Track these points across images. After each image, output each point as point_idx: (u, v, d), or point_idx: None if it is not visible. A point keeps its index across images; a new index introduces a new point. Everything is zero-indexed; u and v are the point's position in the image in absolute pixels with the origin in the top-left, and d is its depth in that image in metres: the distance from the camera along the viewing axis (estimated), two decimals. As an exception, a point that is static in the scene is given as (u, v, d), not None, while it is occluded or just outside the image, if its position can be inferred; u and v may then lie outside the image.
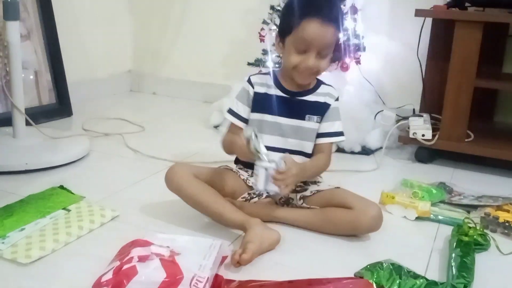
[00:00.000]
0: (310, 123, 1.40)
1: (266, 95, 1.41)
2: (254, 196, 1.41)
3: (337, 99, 1.43)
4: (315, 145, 1.42)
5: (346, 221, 1.30)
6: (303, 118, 1.40)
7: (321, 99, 1.41)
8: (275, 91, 1.40)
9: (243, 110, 1.42)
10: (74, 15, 2.59)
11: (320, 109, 1.41)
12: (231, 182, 1.39)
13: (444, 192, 1.62)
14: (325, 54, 1.32)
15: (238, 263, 1.15)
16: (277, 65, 2.10)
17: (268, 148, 1.35)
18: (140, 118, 2.43)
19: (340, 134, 1.43)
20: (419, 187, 1.61)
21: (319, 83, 1.43)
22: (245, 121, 1.42)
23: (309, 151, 1.41)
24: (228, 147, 1.40)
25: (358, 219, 1.29)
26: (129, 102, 2.89)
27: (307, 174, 1.38)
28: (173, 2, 2.88)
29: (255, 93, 1.41)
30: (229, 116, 1.43)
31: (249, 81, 1.43)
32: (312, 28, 1.28)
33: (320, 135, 1.42)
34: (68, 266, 1.15)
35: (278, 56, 2.08)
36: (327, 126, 1.41)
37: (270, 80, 1.42)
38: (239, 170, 1.44)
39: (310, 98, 1.40)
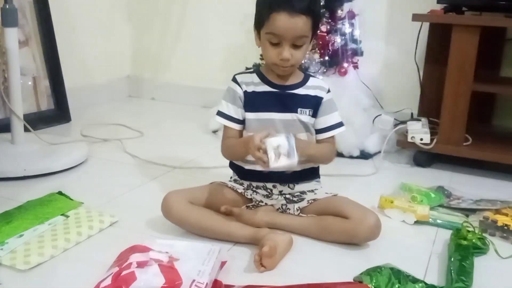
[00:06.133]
0: (303, 116, 1.36)
1: (255, 94, 1.37)
2: (252, 209, 1.40)
3: (328, 91, 1.39)
4: (317, 141, 1.39)
5: (343, 231, 1.29)
6: (295, 112, 1.36)
7: (311, 92, 1.38)
8: (263, 88, 1.37)
9: (234, 110, 1.37)
10: (72, 21, 2.59)
11: (312, 103, 1.37)
12: (228, 199, 1.38)
13: (443, 196, 1.62)
14: (300, 45, 1.29)
15: (262, 266, 1.16)
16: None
17: None
18: (138, 123, 2.43)
19: (340, 124, 1.39)
20: (418, 191, 1.61)
21: (307, 76, 1.40)
22: (238, 121, 1.38)
23: None
24: (233, 153, 1.39)
25: (355, 229, 1.28)
26: (128, 108, 2.89)
27: (311, 152, 1.33)
28: (171, 7, 2.89)
29: (245, 92, 1.37)
30: (220, 119, 1.38)
31: (235, 80, 1.39)
32: (281, 21, 1.23)
33: (320, 131, 1.38)
34: (67, 272, 1.15)
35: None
36: (325, 119, 1.38)
37: (255, 77, 1.39)
38: (234, 184, 1.42)
39: (300, 91, 1.37)
